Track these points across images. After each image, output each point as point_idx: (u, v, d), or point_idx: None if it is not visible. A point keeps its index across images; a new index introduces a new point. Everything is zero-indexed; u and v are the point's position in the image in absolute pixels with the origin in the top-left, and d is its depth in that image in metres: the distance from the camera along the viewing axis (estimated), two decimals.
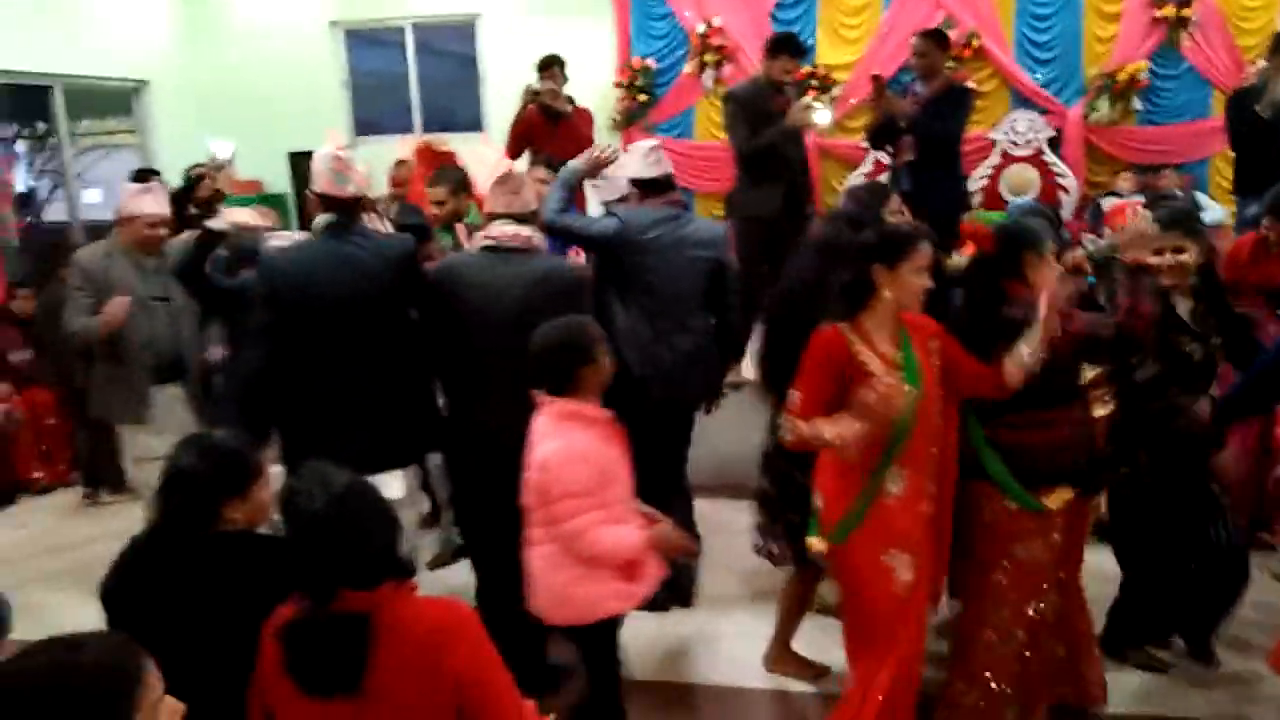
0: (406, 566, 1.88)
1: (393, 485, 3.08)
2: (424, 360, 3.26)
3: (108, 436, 4.48)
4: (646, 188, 3.74)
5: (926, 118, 5.21)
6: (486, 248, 3.19)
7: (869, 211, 3.31)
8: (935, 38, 5.50)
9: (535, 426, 2.65)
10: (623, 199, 3.98)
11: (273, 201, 8.07)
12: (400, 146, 6.49)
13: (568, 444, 2.56)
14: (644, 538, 2.61)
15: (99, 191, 8.90)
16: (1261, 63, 5.71)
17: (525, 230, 3.20)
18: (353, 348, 3.10)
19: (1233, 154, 5.53)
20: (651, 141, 3.89)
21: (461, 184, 4.44)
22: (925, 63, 5.36)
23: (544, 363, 2.64)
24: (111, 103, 8.37)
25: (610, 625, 2.73)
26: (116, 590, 2.03)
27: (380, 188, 4.92)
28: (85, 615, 1.87)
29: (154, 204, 3.89)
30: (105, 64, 7.52)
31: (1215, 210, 6.12)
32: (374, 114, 8.64)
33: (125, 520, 3.73)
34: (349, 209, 3.17)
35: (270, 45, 8.25)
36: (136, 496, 4.13)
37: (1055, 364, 2.64)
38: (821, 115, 5.35)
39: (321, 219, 3.26)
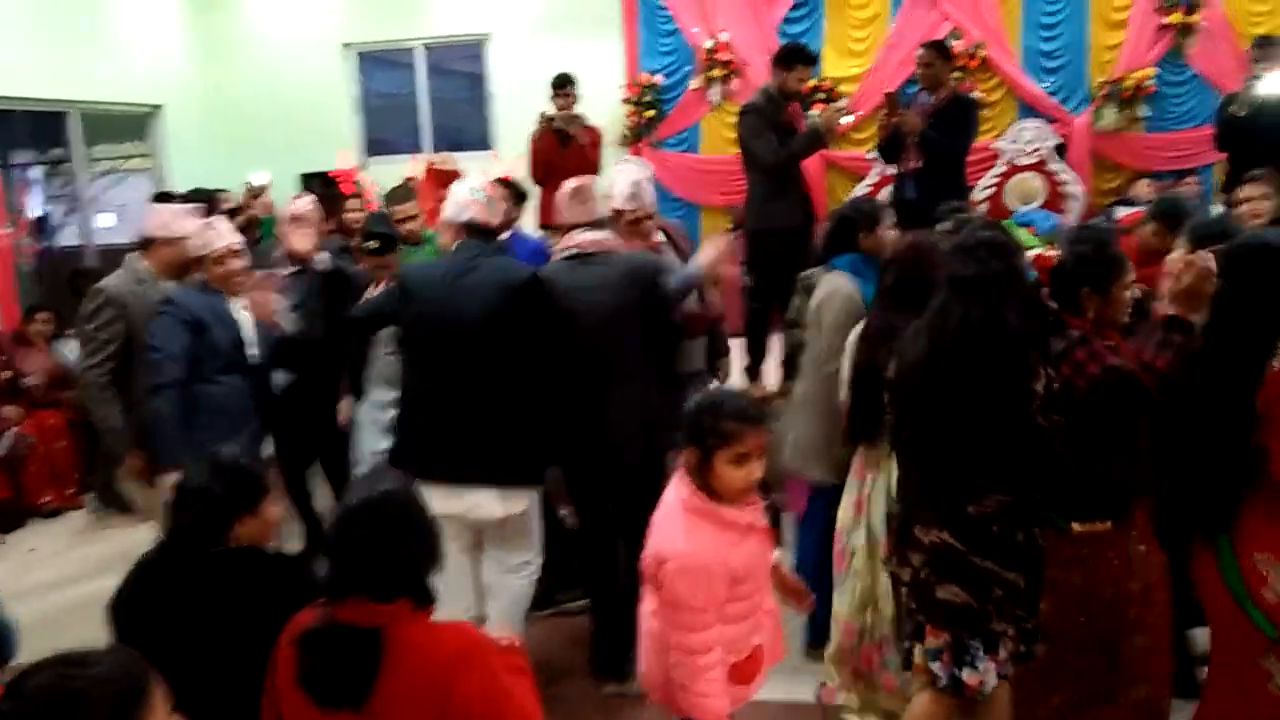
0: (427, 591, 1.87)
1: (493, 504, 3.21)
2: (542, 379, 3.33)
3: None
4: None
5: (932, 128, 5.25)
6: (570, 256, 3.39)
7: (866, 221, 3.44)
8: (939, 49, 5.55)
9: (665, 497, 2.35)
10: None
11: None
12: (410, 166, 6.58)
13: (689, 549, 2.22)
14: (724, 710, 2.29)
15: (113, 216, 9.02)
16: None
17: (602, 234, 3.40)
18: (472, 364, 3.21)
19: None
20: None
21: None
22: (930, 74, 5.42)
23: (685, 434, 2.30)
24: (126, 127, 8.47)
25: None
26: (125, 606, 2.06)
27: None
28: (93, 634, 1.89)
29: (225, 231, 3.64)
30: (120, 89, 7.62)
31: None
32: (384, 134, 8.72)
33: (134, 542, 3.74)
34: (493, 235, 3.42)
35: (283, 68, 8.35)
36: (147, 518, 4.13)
37: None
38: (847, 118, 5.53)
39: (458, 243, 3.40)
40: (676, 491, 2.31)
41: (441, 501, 3.02)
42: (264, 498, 2.16)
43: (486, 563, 3.40)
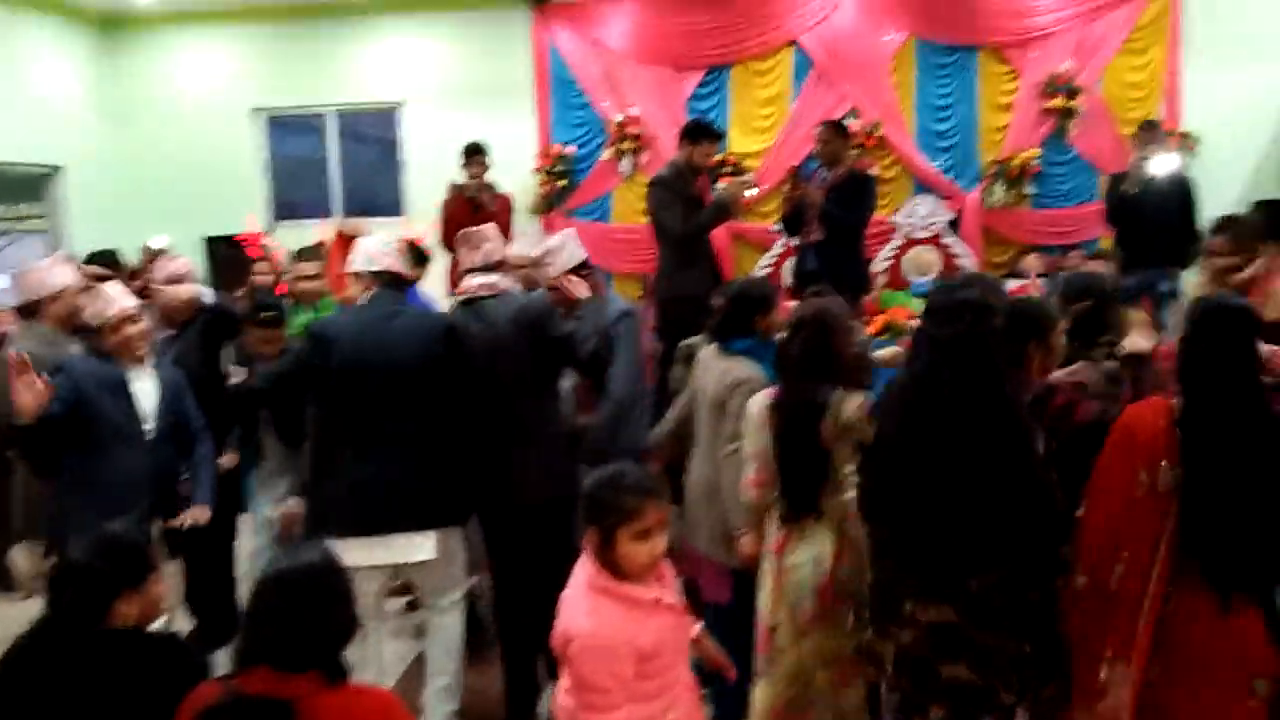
0: (340, 664, 1.84)
1: (426, 546, 3.29)
2: (458, 424, 3.44)
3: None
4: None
5: (831, 203, 5.47)
6: (462, 301, 3.51)
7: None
8: (836, 127, 5.80)
9: (574, 578, 2.28)
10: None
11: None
12: (319, 230, 6.54)
13: (595, 629, 2.16)
14: None
15: (4, 278, 8.69)
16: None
17: (493, 278, 3.50)
18: (394, 412, 3.29)
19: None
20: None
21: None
22: (828, 150, 5.65)
23: (582, 514, 2.24)
24: (23, 187, 8.24)
25: None
26: (1, 687, 1.99)
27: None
28: None
29: (118, 297, 3.47)
30: (19, 149, 7.44)
31: None
32: (294, 198, 8.67)
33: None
34: (405, 285, 3.58)
35: (190, 130, 8.27)
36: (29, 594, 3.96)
37: None
38: (752, 191, 5.76)
39: (367, 294, 3.48)
40: (583, 569, 2.25)
41: (367, 553, 3.17)
42: (150, 574, 2.11)
43: (425, 601, 3.55)
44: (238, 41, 8.31)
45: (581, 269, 3.78)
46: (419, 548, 3.28)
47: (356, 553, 3.22)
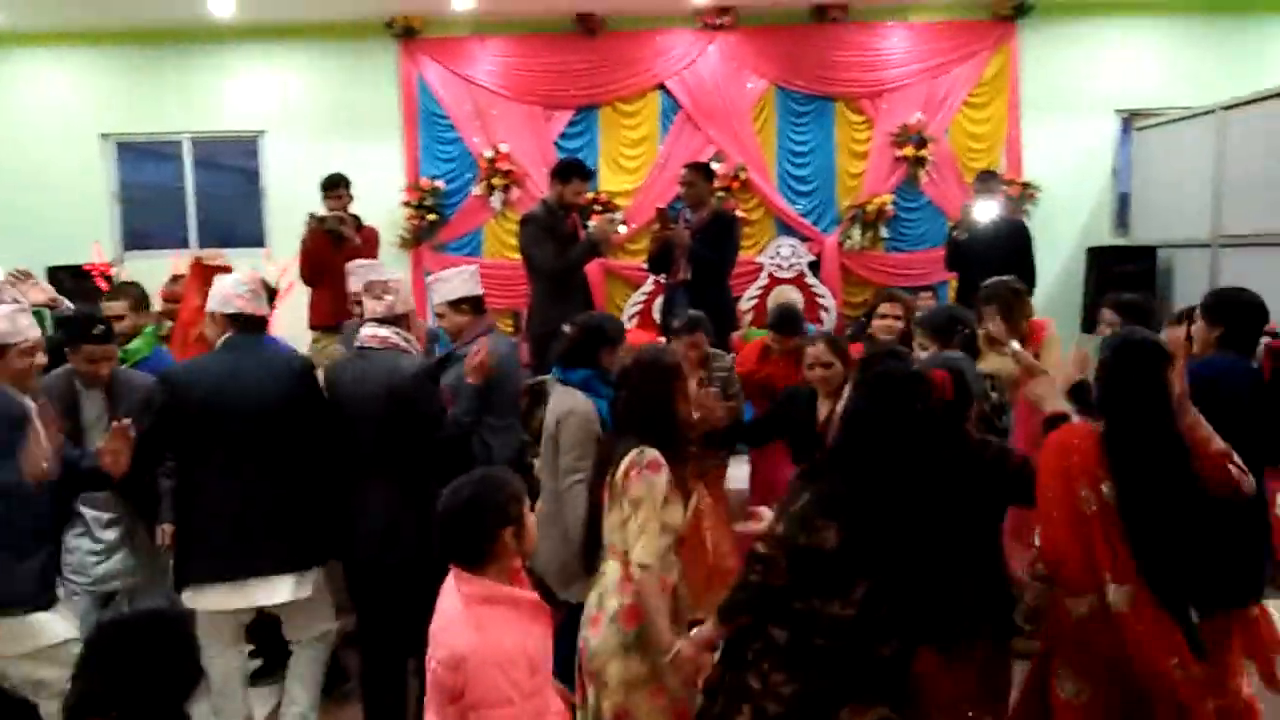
0: (183, 714, 1.79)
1: (286, 589, 3.31)
2: (318, 467, 3.41)
3: None
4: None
5: (698, 243, 5.61)
6: (359, 348, 3.54)
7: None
8: (701, 170, 5.96)
9: (442, 605, 2.25)
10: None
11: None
12: (175, 262, 6.29)
13: (487, 641, 2.15)
14: None
15: None
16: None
17: (384, 331, 3.52)
18: (255, 456, 3.26)
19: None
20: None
21: (141, 300, 4.40)
22: (693, 192, 5.80)
23: (452, 532, 2.24)
24: None
25: None
26: None
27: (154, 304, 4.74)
28: None
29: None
30: None
31: None
32: (148, 227, 8.31)
33: None
34: (260, 326, 3.47)
35: (33, 156, 7.85)
36: None
37: None
38: (621, 228, 6.02)
39: (224, 336, 3.43)
40: (456, 591, 2.22)
41: (227, 597, 3.26)
42: None
43: (289, 635, 3.57)
44: (87, 65, 7.95)
45: (461, 304, 3.84)
46: (278, 590, 3.30)
47: (218, 597, 3.24)
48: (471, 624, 2.15)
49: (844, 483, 2.42)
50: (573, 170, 5.57)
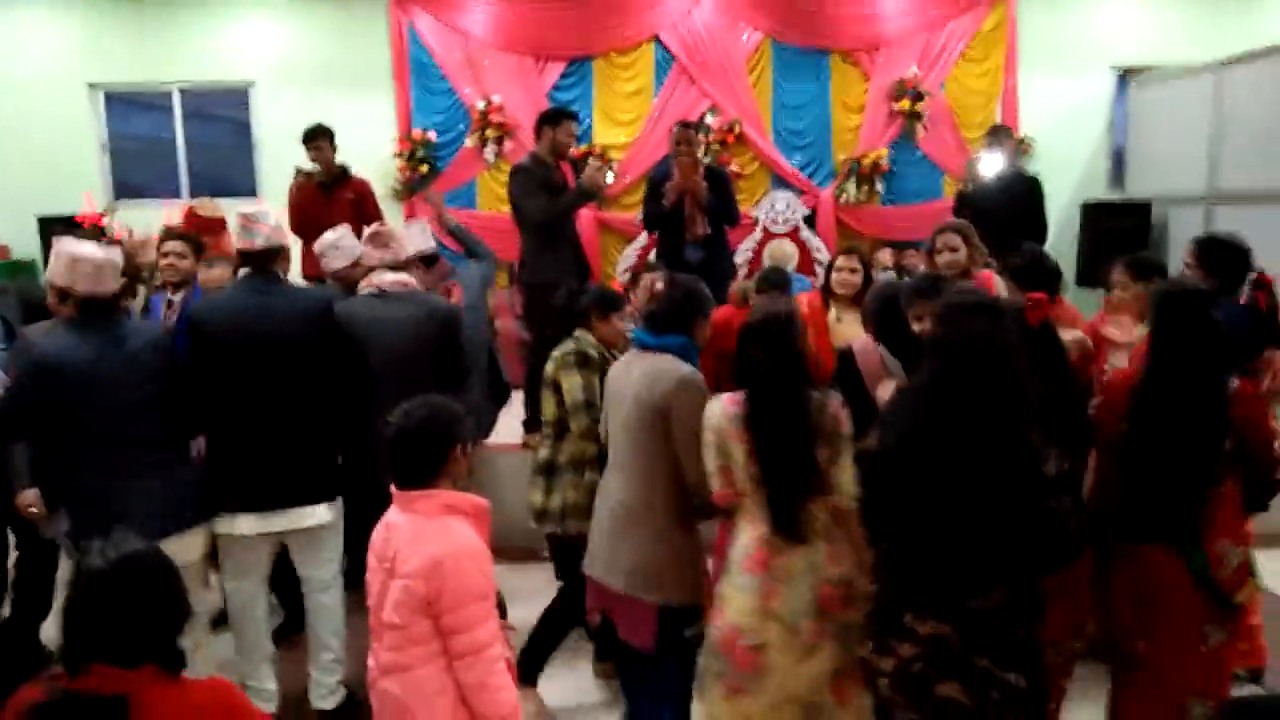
0: (176, 654, 1.81)
1: (309, 516, 3.37)
2: (341, 400, 3.49)
3: None
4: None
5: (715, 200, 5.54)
6: (372, 294, 3.66)
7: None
8: (696, 128, 5.86)
9: (399, 526, 2.35)
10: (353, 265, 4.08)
11: (21, 269, 7.52)
12: (167, 212, 6.24)
13: (458, 541, 2.29)
14: (518, 704, 2.36)
15: None
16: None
17: (403, 275, 3.72)
18: (274, 391, 3.31)
19: None
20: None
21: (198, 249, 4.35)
22: (690, 151, 5.64)
23: (406, 452, 2.37)
24: None
25: None
26: None
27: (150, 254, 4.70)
28: None
29: None
30: None
31: None
32: (138, 178, 8.24)
33: None
34: (262, 260, 3.39)
35: (20, 105, 7.76)
36: None
37: None
38: (610, 176, 6.06)
39: (241, 273, 3.51)
40: (410, 510, 2.35)
41: (258, 523, 3.34)
42: None
43: (302, 571, 3.57)
44: (75, 14, 7.82)
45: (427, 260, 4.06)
46: (306, 517, 3.38)
47: (250, 523, 3.35)
48: (440, 530, 2.30)
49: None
50: (562, 113, 5.51)
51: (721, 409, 2.72)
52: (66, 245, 3.09)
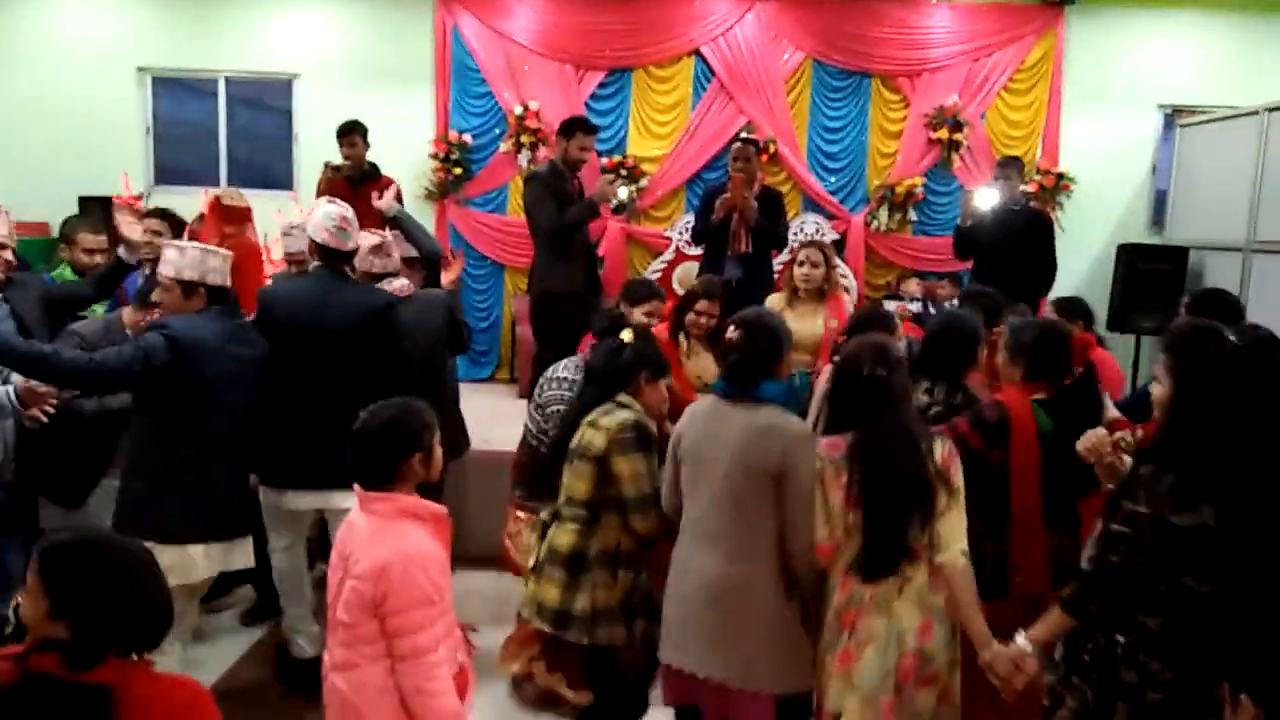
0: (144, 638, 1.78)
1: (343, 500, 3.37)
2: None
3: None
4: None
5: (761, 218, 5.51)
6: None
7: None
8: (755, 145, 5.83)
9: (358, 526, 2.39)
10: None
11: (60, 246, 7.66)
12: (202, 199, 6.34)
13: (408, 546, 2.31)
14: (460, 708, 2.37)
15: None
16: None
17: (405, 282, 4.18)
18: (336, 377, 3.58)
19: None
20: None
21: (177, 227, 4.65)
22: (749, 168, 5.58)
23: (366, 451, 2.40)
24: None
25: None
26: None
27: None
28: None
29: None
30: None
31: None
32: (179, 163, 8.38)
33: None
34: (346, 260, 3.80)
35: (68, 87, 7.92)
36: None
37: None
38: (622, 190, 6.15)
39: (313, 265, 3.88)
40: (367, 511, 2.39)
41: (299, 499, 3.66)
42: None
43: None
44: None
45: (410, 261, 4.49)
46: (339, 500, 3.47)
47: (292, 498, 3.69)
48: (393, 534, 2.33)
49: (1210, 462, 2.22)
50: (576, 124, 5.49)
51: (821, 454, 2.59)
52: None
